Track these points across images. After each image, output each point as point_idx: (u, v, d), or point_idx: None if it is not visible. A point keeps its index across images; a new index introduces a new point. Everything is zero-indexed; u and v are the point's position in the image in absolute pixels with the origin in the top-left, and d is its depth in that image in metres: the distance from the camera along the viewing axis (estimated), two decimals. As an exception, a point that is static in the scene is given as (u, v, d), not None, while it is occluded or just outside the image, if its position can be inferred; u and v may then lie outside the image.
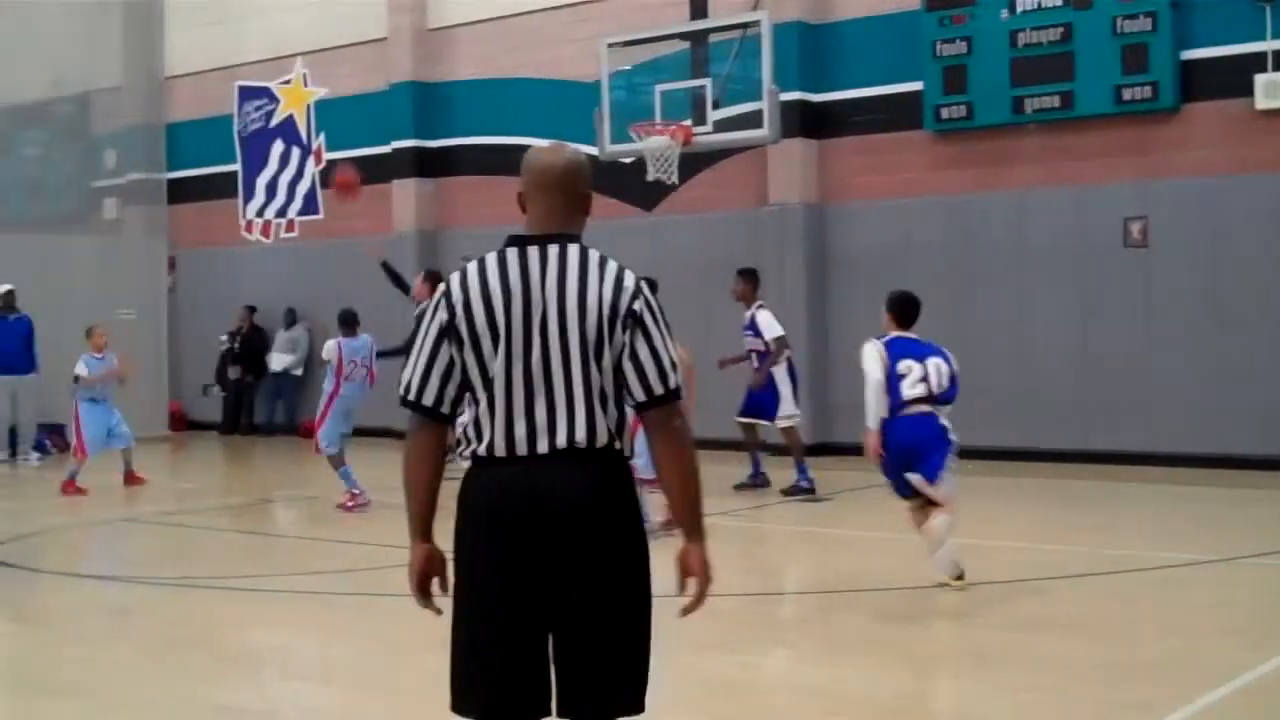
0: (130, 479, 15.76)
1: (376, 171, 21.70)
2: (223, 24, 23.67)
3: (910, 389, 9.03)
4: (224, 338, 23.17)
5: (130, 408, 16.47)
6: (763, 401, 14.18)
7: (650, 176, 16.26)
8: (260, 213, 23.36)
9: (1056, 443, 16.01)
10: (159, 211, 24.62)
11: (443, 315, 3.89)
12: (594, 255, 3.92)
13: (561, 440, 3.81)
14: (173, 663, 7.85)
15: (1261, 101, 14.83)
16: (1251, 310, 14.94)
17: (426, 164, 21.38)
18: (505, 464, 3.83)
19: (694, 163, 17.34)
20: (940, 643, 7.77)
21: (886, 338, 9.28)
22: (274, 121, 23.12)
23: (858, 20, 17.47)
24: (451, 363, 3.89)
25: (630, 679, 3.87)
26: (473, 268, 3.92)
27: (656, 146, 16.11)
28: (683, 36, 16.99)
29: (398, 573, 4.21)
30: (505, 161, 20.70)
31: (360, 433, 14.38)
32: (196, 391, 23.93)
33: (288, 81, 22.87)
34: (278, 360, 22.20)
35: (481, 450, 3.86)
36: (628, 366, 3.85)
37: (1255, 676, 6.82)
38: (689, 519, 3.94)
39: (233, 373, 23.08)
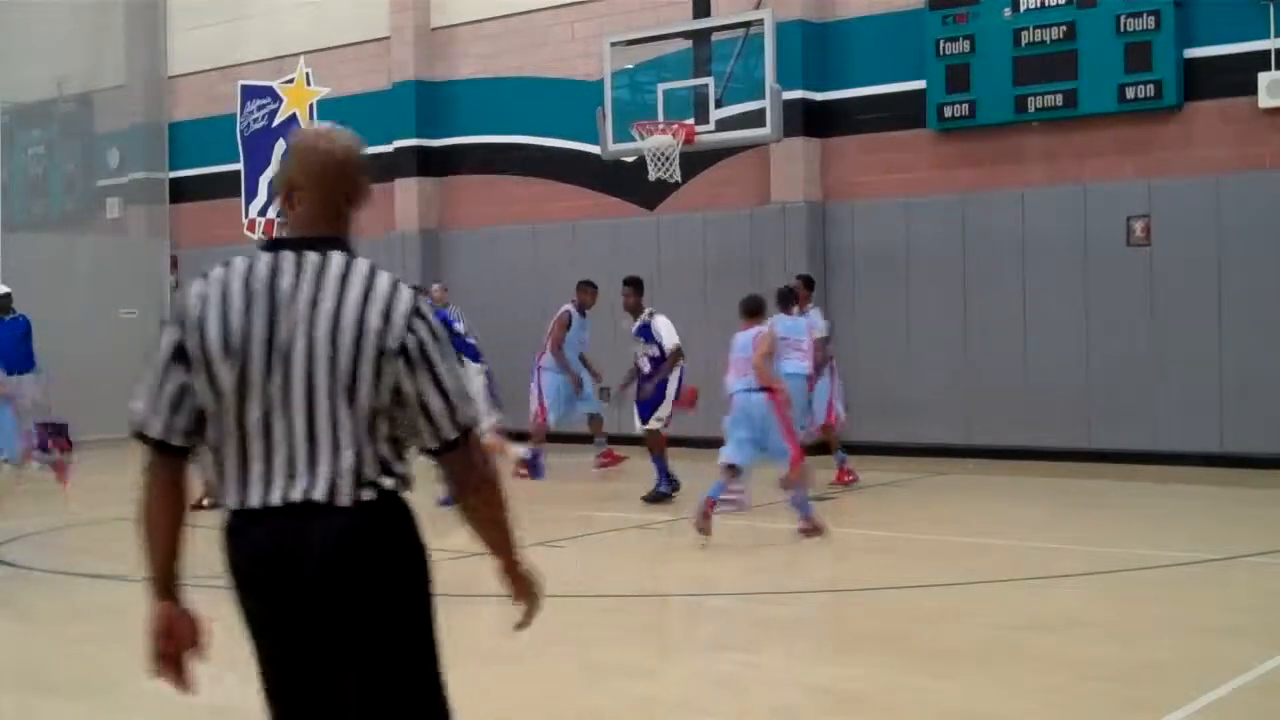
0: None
1: (378, 171, 21.71)
2: (225, 23, 23.69)
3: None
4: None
5: (126, 407, 16.17)
6: (654, 405, 13.67)
7: (652, 176, 16.27)
8: (263, 212, 23.31)
9: (1059, 441, 15.99)
10: (161, 211, 24.63)
11: (173, 332, 3.26)
12: (360, 267, 3.32)
13: (298, 494, 3.21)
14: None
15: (1265, 100, 14.81)
16: (1253, 308, 14.91)
17: (429, 163, 21.36)
18: (250, 517, 3.26)
19: (696, 162, 17.34)
20: (941, 641, 7.75)
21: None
22: (276, 121, 23.03)
23: (860, 19, 17.45)
24: (183, 388, 3.25)
25: None
26: (216, 275, 3.28)
27: (658, 145, 16.11)
28: (686, 35, 16.97)
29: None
30: (508, 160, 20.74)
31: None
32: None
33: (290, 81, 22.77)
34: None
35: (225, 499, 3.30)
36: (413, 412, 3.25)
37: (1256, 675, 6.80)
38: (506, 547, 3.44)
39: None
